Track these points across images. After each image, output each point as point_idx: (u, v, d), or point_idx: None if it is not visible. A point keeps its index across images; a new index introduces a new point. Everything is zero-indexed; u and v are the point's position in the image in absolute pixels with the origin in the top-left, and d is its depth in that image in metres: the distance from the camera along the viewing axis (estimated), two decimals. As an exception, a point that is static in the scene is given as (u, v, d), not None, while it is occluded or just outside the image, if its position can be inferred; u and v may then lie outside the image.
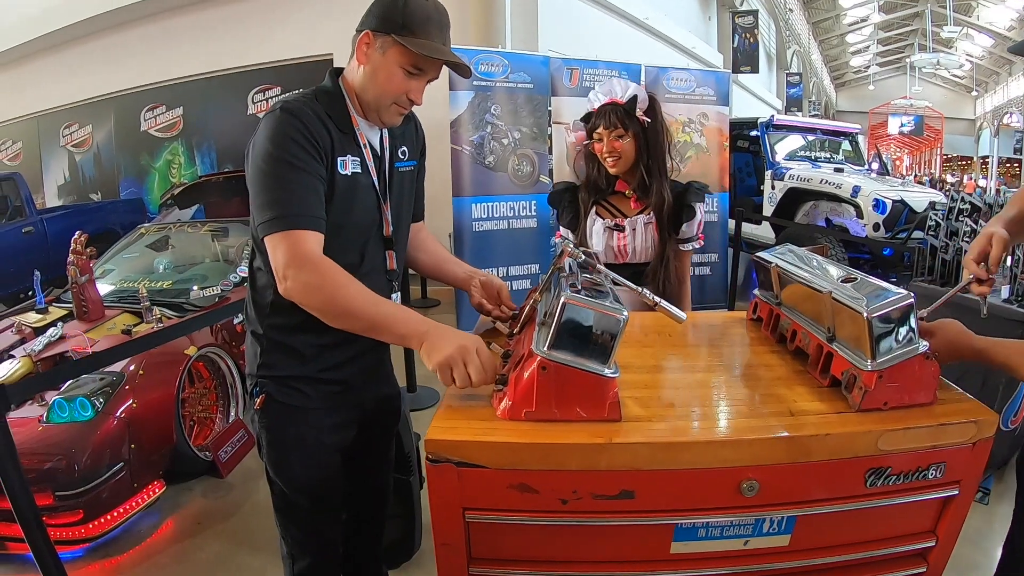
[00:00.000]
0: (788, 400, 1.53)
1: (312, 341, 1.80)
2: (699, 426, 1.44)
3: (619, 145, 2.58)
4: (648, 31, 13.45)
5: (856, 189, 7.66)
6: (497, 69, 5.89)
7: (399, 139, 1.94)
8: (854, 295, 1.51)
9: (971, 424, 1.45)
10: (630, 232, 2.67)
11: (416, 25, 1.68)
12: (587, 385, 1.40)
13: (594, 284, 1.56)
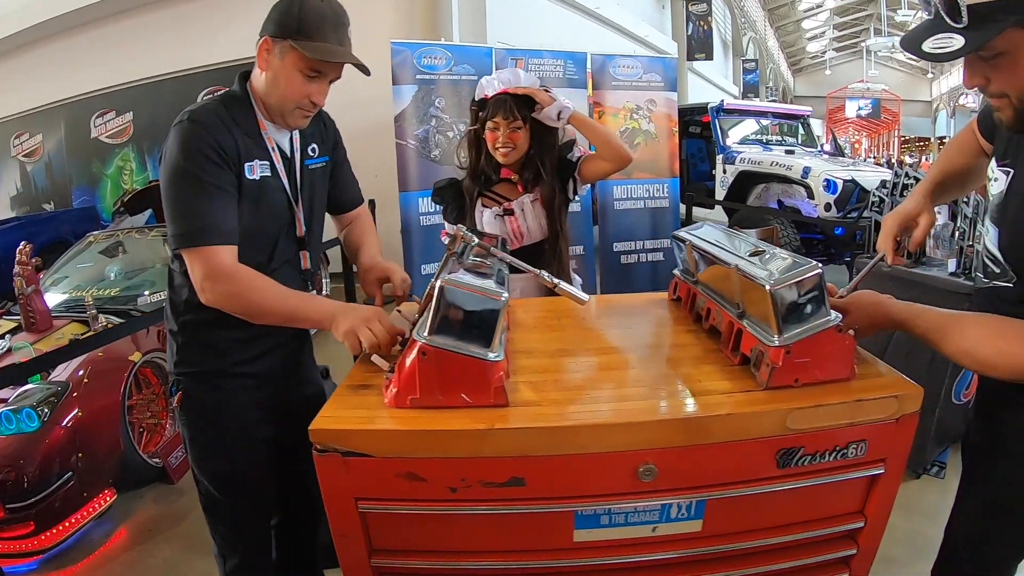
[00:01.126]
0: (693, 380, 1.48)
1: (226, 336, 1.82)
2: (591, 410, 1.38)
3: (516, 136, 2.53)
4: (600, 20, 13.43)
5: (806, 170, 7.67)
6: (440, 62, 5.81)
7: (309, 137, 1.96)
8: (759, 268, 1.45)
9: (892, 399, 1.40)
10: (519, 213, 2.61)
11: (311, 28, 1.70)
12: (470, 370, 1.35)
13: (479, 268, 1.51)
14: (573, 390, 1.47)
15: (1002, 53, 1.28)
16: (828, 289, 1.62)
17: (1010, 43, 1.26)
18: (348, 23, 1.77)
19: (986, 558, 1.62)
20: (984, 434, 1.63)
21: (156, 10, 10.13)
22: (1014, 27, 1.23)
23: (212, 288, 1.67)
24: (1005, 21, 1.22)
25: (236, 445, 1.87)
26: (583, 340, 1.84)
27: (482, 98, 2.61)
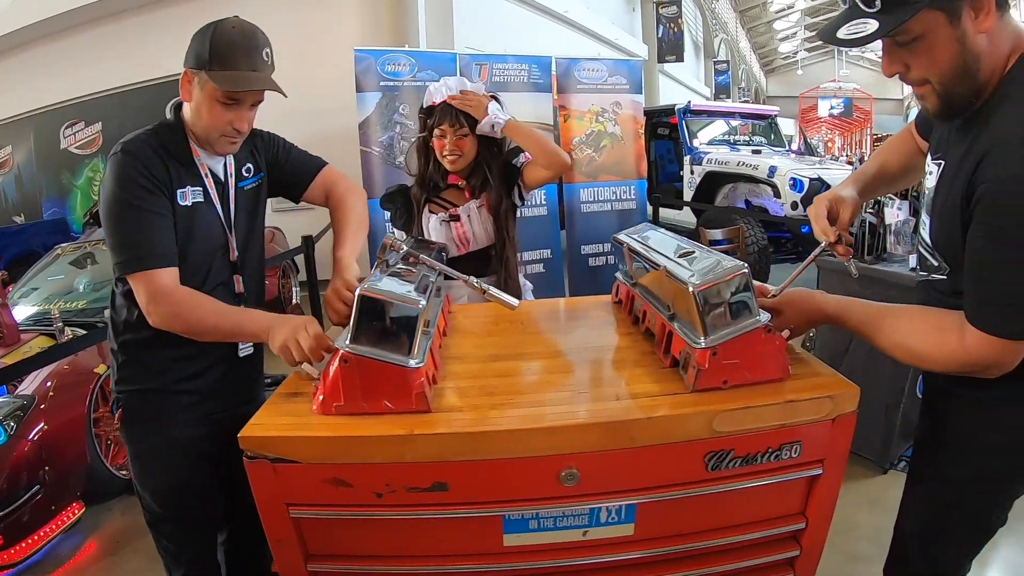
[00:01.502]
0: (621, 383, 1.49)
1: (164, 355, 1.84)
2: (512, 415, 1.37)
3: (463, 144, 2.54)
4: (569, 24, 13.44)
5: (772, 169, 7.72)
6: (404, 68, 5.79)
7: (243, 159, 1.99)
8: (685, 270, 1.45)
9: (826, 400, 1.40)
10: (465, 219, 2.61)
11: (223, 58, 1.73)
12: (391, 377, 1.36)
13: (405, 275, 1.53)
14: (498, 395, 1.47)
15: (918, 37, 1.28)
16: (759, 289, 1.62)
17: (925, 26, 1.26)
18: (263, 45, 1.79)
19: (935, 556, 1.61)
20: (929, 431, 1.62)
21: (124, 19, 10.04)
22: (928, 9, 1.24)
23: (156, 310, 1.71)
24: (918, 3, 1.22)
25: (177, 461, 1.88)
26: (517, 345, 1.83)
27: (429, 105, 2.60)
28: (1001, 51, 1.29)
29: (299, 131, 7.44)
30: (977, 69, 1.29)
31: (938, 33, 1.26)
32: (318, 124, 8.24)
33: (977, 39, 1.27)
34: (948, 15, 1.25)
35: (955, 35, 1.26)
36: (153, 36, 9.88)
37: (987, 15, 1.24)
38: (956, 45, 1.27)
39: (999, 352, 1.29)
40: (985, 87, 1.31)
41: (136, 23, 9.78)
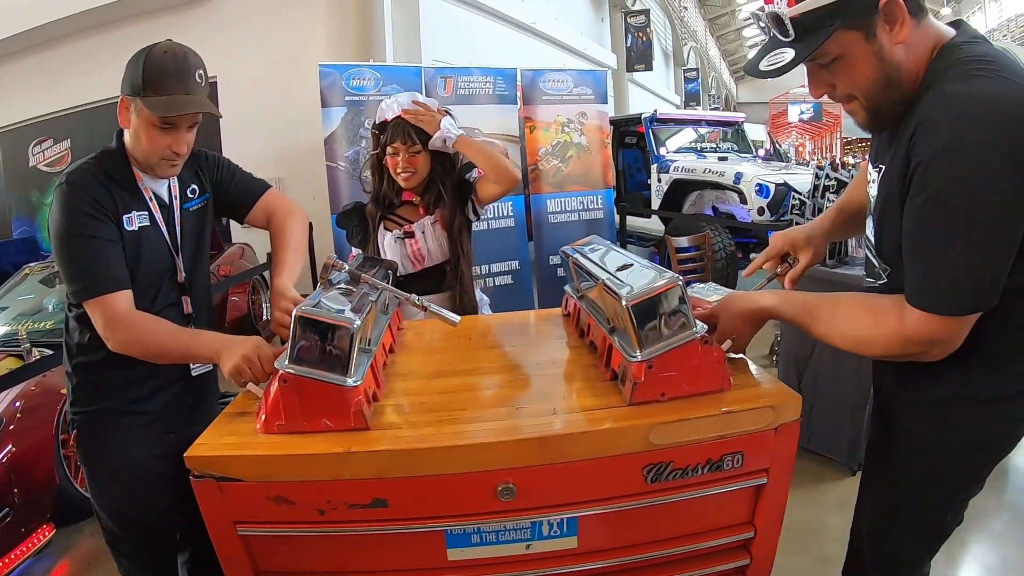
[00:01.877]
0: (560, 398, 1.51)
1: (116, 376, 1.87)
2: (448, 431, 1.38)
3: (416, 160, 2.54)
4: (537, 35, 13.51)
5: (738, 176, 7.76)
6: (369, 83, 5.79)
7: (188, 180, 2.02)
8: (620, 283, 1.46)
9: (766, 410, 1.40)
10: (420, 235, 2.62)
11: (155, 83, 1.75)
12: (328, 395, 1.37)
13: (345, 294, 1.53)
14: (437, 412, 1.48)
15: (838, 57, 1.32)
16: (695, 302, 1.64)
17: (842, 46, 1.30)
18: (195, 68, 1.81)
19: (891, 559, 1.63)
20: (880, 434, 1.63)
21: (91, 36, 9.97)
22: (842, 30, 1.28)
23: (114, 336, 1.75)
24: (831, 26, 1.27)
25: (133, 482, 1.90)
26: (462, 361, 1.84)
27: (381, 122, 2.60)
28: (921, 54, 1.33)
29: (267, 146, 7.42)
30: (899, 78, 1.33)
31: (856, 51, 1.30)
32: (285, 139, 8.26)
33: (895, 50, 1.30)
34: (864, 32, 1.28)
35: (873, 50, 1.30)
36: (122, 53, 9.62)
37: (902, 26, 1.28)
38: (875, 60, 1.31)
39: (939, 331, 1.28)
40: (911, 95, 1.34)
41: (105, 40, 9.72)
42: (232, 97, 8.47)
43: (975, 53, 1.29)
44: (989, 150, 1.17)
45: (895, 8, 1.27)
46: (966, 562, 2.98)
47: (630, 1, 19.46)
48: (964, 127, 1.19)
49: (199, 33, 8.57)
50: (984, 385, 1.41)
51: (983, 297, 1.25)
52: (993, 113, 1.18)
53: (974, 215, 1.20)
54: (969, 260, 1.23)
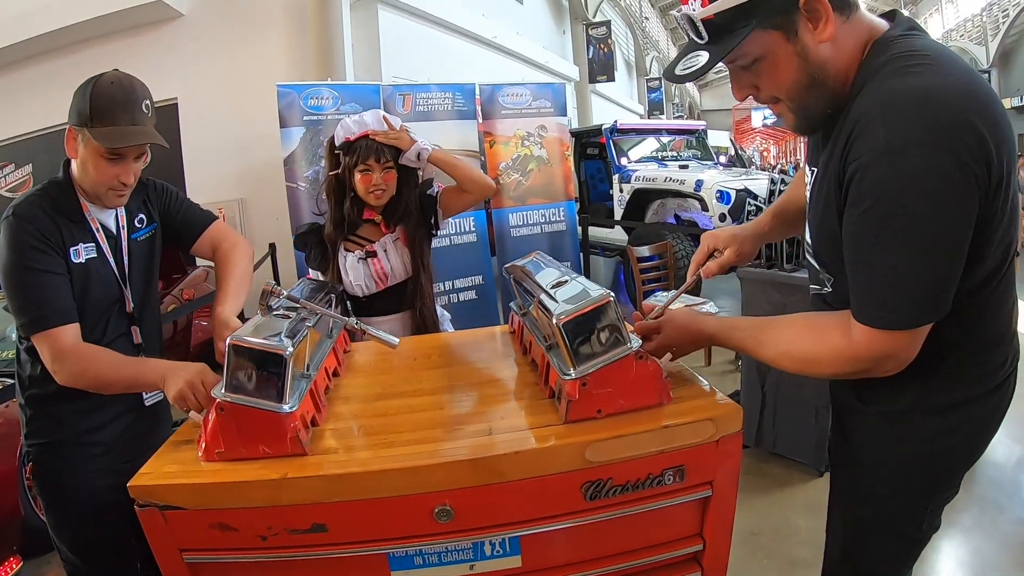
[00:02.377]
0: (498, 417, 1.51)
1: (68, 408, 1.90)
2: (384, 455, 1.38)
3: (390, 177, 2.54)
4: (499, 50, 13.54)
5: (699, 183, 7.82)
6: (327, 102, 5.78)
7: (135, 210, 2.02)
8: (552, 301, 1.46)
9: (707, 423, 1.40)
10: (382, 254, 2.61)
11: (102, 114, 1.75)
12: (265, 422, 1.38)
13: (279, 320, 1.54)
14: (375, 435, 1.48)
15: (759, 58, 1.28)
16: (646, 307, 1.64)
17: (761, 46, 1.26)
18: (142, 98, 1.81)
19: (869, 573, 1.61)
20: (842, 450, 1.60)
21: (52, 59, 9.82)
22: (759, 30, 1.23)
23: (61, 369, 1.76)
24: (746, 27, 1.22)
25: (90, 512, 1.92)
26: (404, 382, 1.84)
27: (344, 141, 2.58)
28: (852, 51, 1.28)
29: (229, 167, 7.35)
30: (825, 78, 1.28)
31: (777, 52, 1.26)
32: (247, 160, 8.20)
33: (819, 49, 1.26)
34: (784, 32, 1.24)
35: (795, 50, 1.26)
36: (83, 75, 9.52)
37: (826, 24, 1.23)
38: (797, 60, 1.26)
39: (888, 346, 1.23)
40: (840, 95, 1.30)
41: (66, 62, 9.59)
42: (193, 118, 8.45)
43: (909, 47, 1.24)
44: (928, 150, 1.12)
45: (817, 5, 1.22)
46: (939, 558, 3.03)
47: (591, 13, 19.58)
48: (901, 127, 1.14)
49: (159, 55, 8.52)
50: (943, 393, 1.38)
51: (933, 308, 1.20)
52: (930, 110, 1.14)
53: (917, 221, 1.15)
54: (915, 269, 1.17)
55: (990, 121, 1.15)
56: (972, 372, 1.38)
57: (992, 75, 25.34)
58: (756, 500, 2.93)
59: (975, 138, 1.13)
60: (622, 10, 24.76)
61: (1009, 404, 1.45)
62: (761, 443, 3.94)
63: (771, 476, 3.71)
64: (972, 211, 1.16)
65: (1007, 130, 1.19)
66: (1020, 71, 24.89)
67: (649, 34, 29.39)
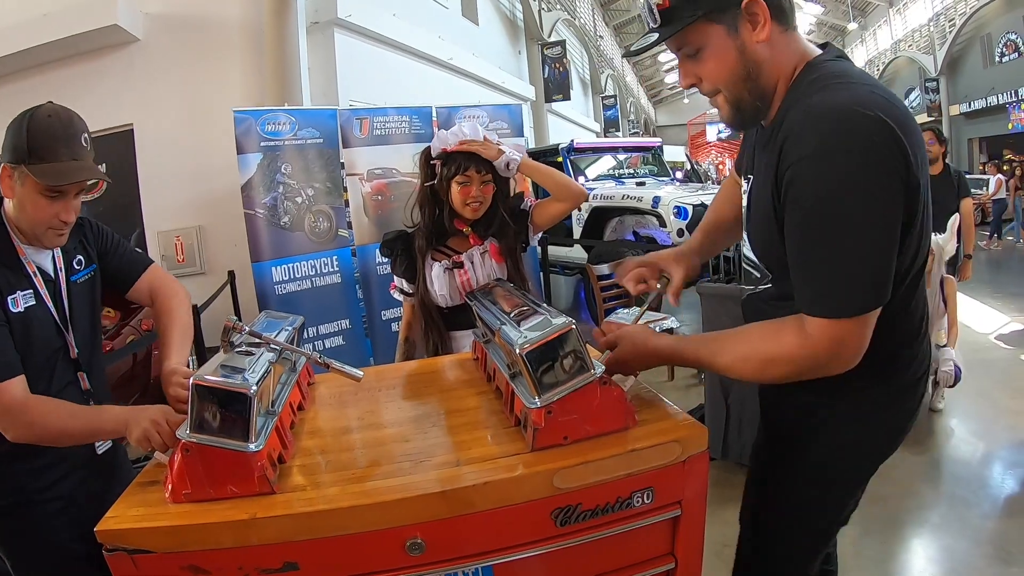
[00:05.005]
0: (465, 447, 1.51)
1: (20, 469, 1.82)
2: (354, 490, 1.37)
3: (488, 190, 2.54)
4: (455, 71, 13.60)
5: (656, 200, 7.89)
6: (284, 127, 5.74)
7: (72, 251, 1.95)
8: (515, 330, 1.48)
9: (673, 444, 1.43)
10: (469, 266, 2.60)
11: (42, 150, 1.68)
12: (231, 462, 1.36)
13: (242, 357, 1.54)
14: (343, 470, 1.47)
15: (701, 48, 1.41)
16: (604, 327, 1.67)
17: (704, 37, 1.40)
18: (81, 131, 1.75)
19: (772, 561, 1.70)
20: (764, 437, 1.73)
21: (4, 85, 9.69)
22: (704, 21, 1.37)
23: (10, 426, 1.68)
24: (692, 16, 1.37)
25: (58, 567, 1.86)
26: (372, 415, 1.84)
27: (442, 151, 2.57)
28: (785, 62, 1.42)
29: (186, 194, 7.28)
30: (758, 75, 1.42)
31: (718, 43, 1.40)
32: (205, 186, 8.12)
33: (756, 48, 1.39)
34: (726, 27, 1.38)
35: (735, 45, 1.39)
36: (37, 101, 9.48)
37: (763, 26, 1.37)
38: (735, 54, 1.40)
39: (840, 334, 1.30)
40: (770, 93, 1.44)
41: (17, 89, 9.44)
42: (149, 145, 8.33)
43: (836, 69, 1.38)
44: (853, 153, 1.23)
45: (756, 8, 1.35)
46: (909, 556, 3.09)
47: (547, 33, 19.74)
48: (828, 134, 1.26)
49: (115, 80, 8.44)
50: (866, 387, 1.47)
51: (877, 293, 1.29)
52: (853, 119, 1.25)
53: (851, 217, 1.25)
54: (857, 258, 1.27)
55: (907, 131, 1.27)
56: (885, 368, 1.47)
57: (941, 83, 26.33)
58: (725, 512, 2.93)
59: (895, 143, 1.25)
60: (577, 29, 25.00)
61: (920, 402, 1.57)
62: (728, 455, 3.97)
63: (739, 487, 3.69)
64: (898, 205, 1.28)
65: (921, 143, 1.33)
66: (967, 79, 25.66)
67: (604, 52, 29.71)
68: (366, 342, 5.79)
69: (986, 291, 8.67)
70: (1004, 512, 3.47)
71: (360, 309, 5.88)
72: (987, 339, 6.63)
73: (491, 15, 17.42)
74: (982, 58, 24.58)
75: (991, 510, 3.50)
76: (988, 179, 15.77)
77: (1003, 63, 23.26)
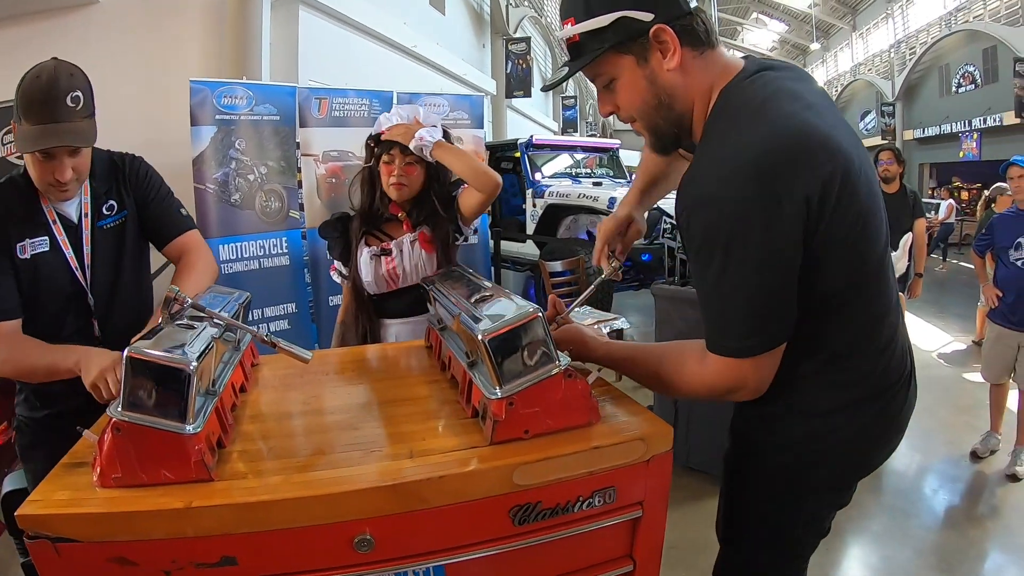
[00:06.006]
0: (418, 438, 1.42)
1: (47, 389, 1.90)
2: (298, 480, 1.28)
3: (411, 170, 2.45)
4: (419, 59, 13.45)
5: (612, 200, 7.88)
6: (241, 102, 5.55)
7: (104, 196, 1.94)
8: (476, 316, 1.40)
9: (637, 442, 1.38)
10: (397, 254, 2.51)
11: (25, 112, 1.69)
12: (166, 444, 1.25)
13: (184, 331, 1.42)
14: (287, 458, 1.38)
15: (615, 79, 1.40)
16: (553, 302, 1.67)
17: (615, 69, 1.39)
18: (66, 92, 1.71)
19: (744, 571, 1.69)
20: (730, 446, 1.70)
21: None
22: (612, 53, 1.36)
23: None
24: (600, 49, 1.35)
25: None
26: (318, 399, 1.75)
27: (378, 133, 2.50)
28: (701, 85, 1.39)
29: (141, 165, 6.78)
30: (672, 102, 1.40)
31: (630, 74, 1.38)
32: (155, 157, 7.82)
33: (667, 76, 1.37)
34: (635, 57, 1.36)
35: (644, 75, 1.37)
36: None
37: (673, 55, 1.34)
38: (646, 83, 1.38)
39: (737, 374, 1.34)
40: (687, 118, 1.42)
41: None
42: (105, 111, 7.94)
43: (747, 97, 1.35)
44: (737, 200, 1.23)
45: (665, 37, 1.33)
46: (849, 564, 3.14)
47: (512, 29, 19.67)
48: (715, 179, 1.26)
49: (70, 43, 8.05)
50: (811, 398, 1.47)
51: (771, 334, 1.32)
52: (743, 165, 1.24)
53: (738, 261, 1.26)
54: (743, 303, 1.29)
55: (827, 147, 1.27)
56: (837, 378, 1.45)
57: (897, 108, 27.00)
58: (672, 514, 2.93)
59: (786, 181, 1.23)
60: (543, 28, 24.96)
61: (900, 415, 1.54)
62: (675, 458, 3.96)
63: (686, 489, 3.76)
64: (789, 244, 1.26)
65: (844, 161, 1.29)
66: (922, 106, 26.31)
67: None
68: (312, 327, 5.65)
69: (931, 311, 8.99)
70: (944, 524, 3.60)
71: (307, 293, 5.73)
72: (931, 357, 6.86)
73: (458, 6, 17.28)
74: (939, 87, 25.18)
75: (931, 521, 3.62)
76: (940, 203, 16.25)
77: (959, 94, 23.81)
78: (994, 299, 4.38)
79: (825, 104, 1.41)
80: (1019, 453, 4.24)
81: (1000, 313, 4.37)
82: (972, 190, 21.83)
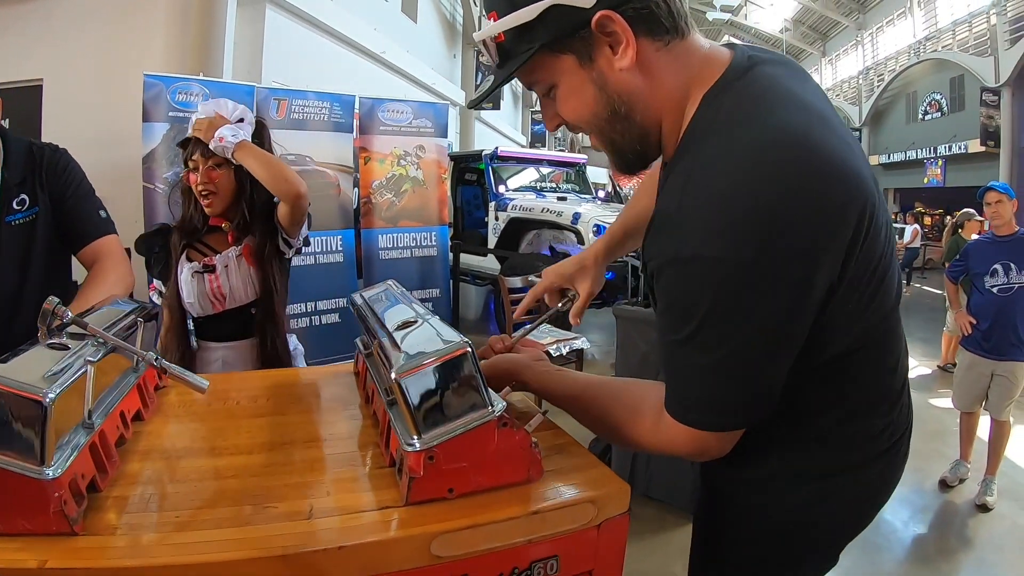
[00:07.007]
0: (323, 492, 1.18)
1: None
2: (174, 541, 1.06)
3: (216, 175, 2.17)
4: (387, 66, 13.25)
5: (576, 216, 7.81)
6: (197, 98, 5.37)
7: (16, 188, 1.78)
8: (395, 349, 1.18)
9: (587, 505, 1.14)
10: (222, 270, 2.23)
11: None
12: (21, 490, 1.04)
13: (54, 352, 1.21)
14: (168, 510, 1.16)
15: (554, 85, 1.13)
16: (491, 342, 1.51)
17: (552, 72, 1.11)
18: None
19: None
20: (705, 509, 1.48)
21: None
22: (546, 53, 1.07)
23: None
24: (529, 49, 1.06)
25: None
26: (219, 435, 1.50)
27: (187, 137, 2.22)
28: (669, 86, 1.10)
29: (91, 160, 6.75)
30: (630, 111, 1.11)
31: (571, 78, 1.10)
32: (106, 153, 7.54)
33: (620, 78, 1.08)
34: (576, 56, 1.08)
35: (591, 77, 1.09)
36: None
37: (626, 49, 1.05)
38: (593, 88, 1.10)
39: (694, 443, 1.11)
40: (654, 131, 1.14)
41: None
42: (58, 103, 7.72)
43: (739, 109, 1.05)
44: (715, 261, 0.96)
45: (613, 27, 1.03)
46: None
47: (484, 40, 19.58)
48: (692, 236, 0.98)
49: (26, 29, 7.82)
50: (808, 460, 1.25)
51: (747, 416, 1.09)
52: (727, 213, 0.95)
53: (713, 329, 1.01)
54: (722, 380, 1.05)
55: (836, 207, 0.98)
56: (843, 439, 1.24)
57: (863, 133, 27.65)
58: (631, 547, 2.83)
59: (801, 237, 0.95)
60: (514, 40, 24.97)
61: (899, 471, 1.36)
62: (634, 487, 3.83)
63: (645, 520, 3.69)
64: (796, 318, 1.01)
65: (867, 196, 1.02)
66: (888, 132, 27.01)
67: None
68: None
69: (896, 336, 8.93)
70: (915, 557, 3.58)
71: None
72: (898, 383, 6.78)
73: (431, 15, 17.15)
74: (906, 114, 25.73)
75: (902, 554, 3.60)
76: (904, 228, 16.49)
77: (925, 121, 24.33)
78: (967, 326, 4.34)
79: (830, 111, 1.11)
80: (989, 483, 4.22)
81: (974, 340, 4.33)
82: (935, 215, 22.32)
